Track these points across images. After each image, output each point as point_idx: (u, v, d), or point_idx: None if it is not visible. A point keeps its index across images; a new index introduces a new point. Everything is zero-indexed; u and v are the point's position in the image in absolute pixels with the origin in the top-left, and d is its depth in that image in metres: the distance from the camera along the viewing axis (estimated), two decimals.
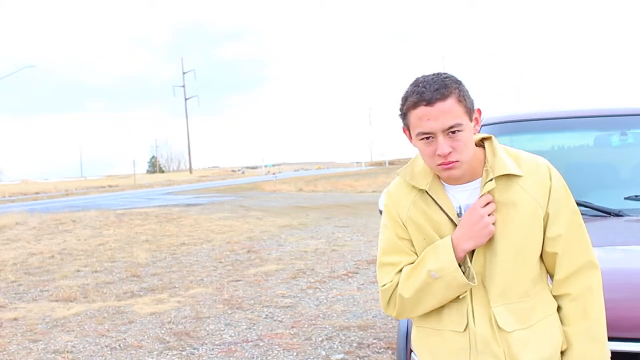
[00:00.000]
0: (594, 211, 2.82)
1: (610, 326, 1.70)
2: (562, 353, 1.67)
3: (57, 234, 13.98)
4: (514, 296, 1.63)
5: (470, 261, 1.63)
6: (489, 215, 1.60)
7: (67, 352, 5.07)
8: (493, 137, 1.71)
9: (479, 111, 1.63)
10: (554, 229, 1.64)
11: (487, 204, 1.61)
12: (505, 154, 1.67)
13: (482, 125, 3.51)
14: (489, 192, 1.62)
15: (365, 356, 4.56)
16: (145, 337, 5.42)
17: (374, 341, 4.86)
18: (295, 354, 4.75)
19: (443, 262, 1.61)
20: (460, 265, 1.61)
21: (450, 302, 1.66)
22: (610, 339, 1.73)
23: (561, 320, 1.67)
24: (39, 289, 7.76)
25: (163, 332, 5.55)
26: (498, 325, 1.61)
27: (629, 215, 2.80)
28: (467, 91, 1.60)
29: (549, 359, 1.63)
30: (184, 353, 4.92)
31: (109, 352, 5.02)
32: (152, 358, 4.85)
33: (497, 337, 1.61)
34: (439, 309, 1.68)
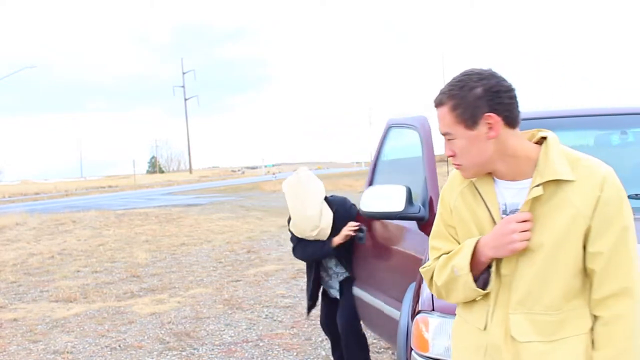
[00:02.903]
0: None
1: None
2: None
3: (57, 234, 13.98)
4: (538, 307, 1.55)
5: (501, 263, 1.59)
6: (523, 231, 1.52)
7: (67, 352, 5.07)
8: (550, 137, 1.59)
9: (490, 116, 1.52)
10: (596, 244, 1.51)
11: (525, 221, 1.53)
12: (559, 157, 1.54)
13: None
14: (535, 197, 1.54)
15: None
16: (145, 337, 5.42)
17: (374, 341, 4.84)
18: (295, 354, 4.75)
19: (461, 262, 1.60)
20: (489, 267, 1.60)
21: (480, 298, 1.64)
22: None
23: (592, 343, 1.56)
24: (38, 290, 7.76)
25: (163, 332, 5.54)
26: (510, 333, 1.57)
27: None
28: (476, 97, 1.51)
29: None
30: (184, 353, 4.92)
31: (109, 353, 5.02)
32: (152, 358, 4.85)
33: (508, 345, 1.57)
34: (471, 303, 1.67)
